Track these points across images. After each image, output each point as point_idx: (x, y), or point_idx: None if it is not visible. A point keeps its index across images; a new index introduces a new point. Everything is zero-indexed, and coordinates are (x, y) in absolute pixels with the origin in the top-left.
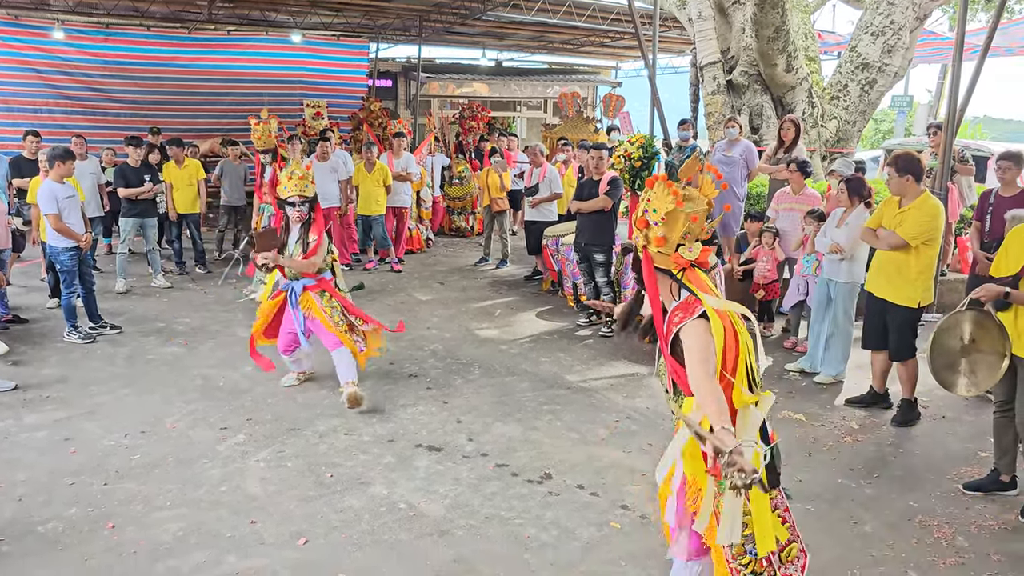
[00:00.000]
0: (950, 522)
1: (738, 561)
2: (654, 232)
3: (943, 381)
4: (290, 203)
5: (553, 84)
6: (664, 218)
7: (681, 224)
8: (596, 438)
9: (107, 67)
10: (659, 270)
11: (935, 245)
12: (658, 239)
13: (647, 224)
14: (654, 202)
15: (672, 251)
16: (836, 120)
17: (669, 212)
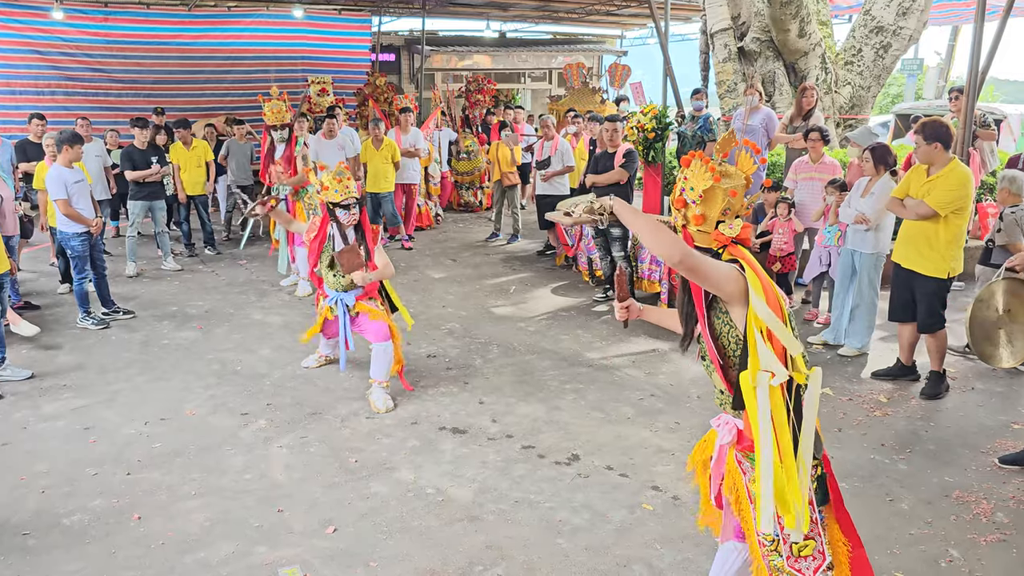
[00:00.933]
0: (988, 497)
1: (764, 535)
2: (692, 211)
3: (983, 354)
4: (343, 207)
5: (557, 55)
6: (702, 195)
7: (720, 201)
8: (621, 417)
9: (108, 47)
10: (699, 249)
11: (965, 214)
12: (697, 217)
13: (685, 203)
14: (691, 180)
15: (712, 229)
16: (850, 86)
17: (707, 189)
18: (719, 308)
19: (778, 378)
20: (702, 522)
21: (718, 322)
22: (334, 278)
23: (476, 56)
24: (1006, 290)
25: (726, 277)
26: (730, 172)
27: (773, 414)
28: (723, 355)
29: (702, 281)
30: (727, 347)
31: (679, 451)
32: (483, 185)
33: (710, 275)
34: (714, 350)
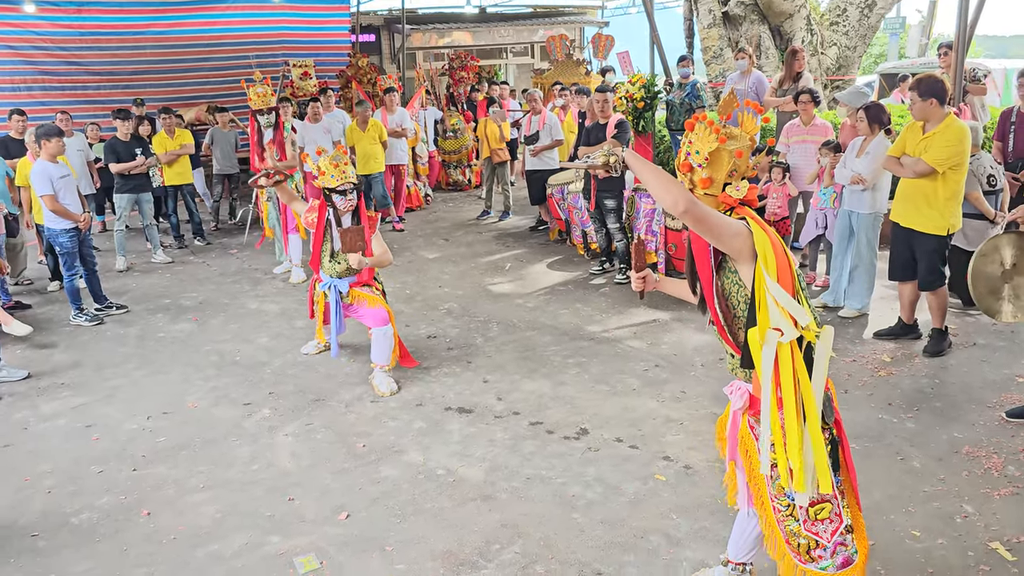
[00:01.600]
0: (998, 451)
1: (778, 500)
2: (698, 174)
3: (987, 308)
4: (340, 192)
5: (539, 28)
6: (708, 158)
7: (726, 162)
8: (627, 388)
9: (83, 39)
10: None
11: (962, 170)
12: (703, 180)
13: (691, 167)
14: (696, 143)
15: (719, 191)
16: (836, 47)
17: (713, 152)
18: (728, 267)
19: (787, 336)
20: (733, 499)
21: (727, 281)
22: (330, 264)
23: (457, 33)
24: (1011, 243)
25: (734, 232)
26: (735, 133)
27: (780, 371)
28: (730, 315)
29: (708, 233)
30: (736, 307)
31: (687, 420)
32: (471, 163)
33: (717, 227)
34: (717, 310)
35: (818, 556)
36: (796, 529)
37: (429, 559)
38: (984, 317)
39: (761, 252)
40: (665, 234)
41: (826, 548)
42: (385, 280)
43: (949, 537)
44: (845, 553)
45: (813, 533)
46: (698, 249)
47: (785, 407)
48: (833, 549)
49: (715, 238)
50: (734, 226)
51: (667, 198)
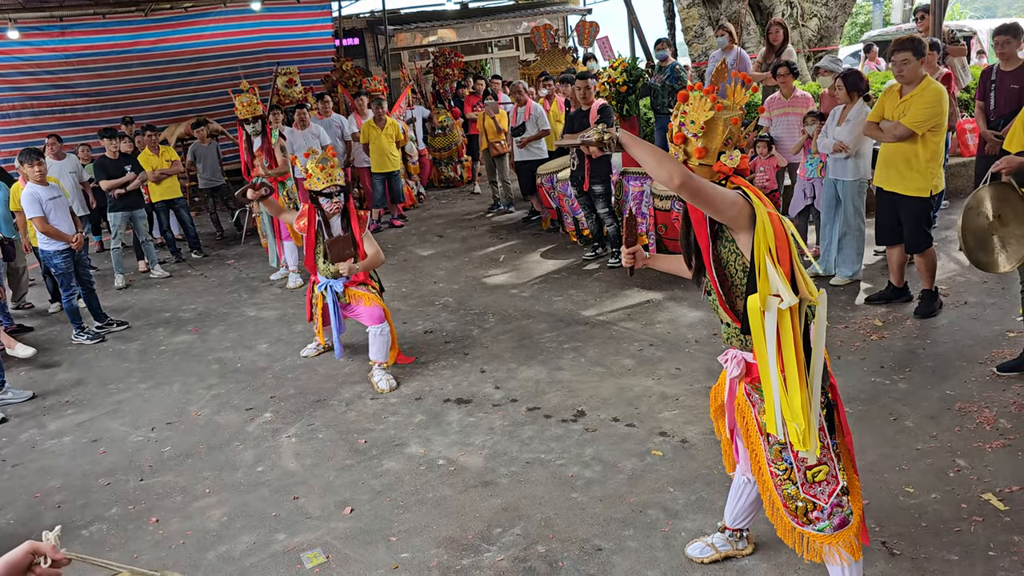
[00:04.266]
0: (989, 406)
1: (775, 465)
2: (693, 144)
3: (979, 262)
4: (326, 195)
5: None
6: (704, 127)
7: (721, 131)
8: (622, 369)
9: (68, 61)
10: None
11: (941, 131)
12: (699, 150)
13: (684, 138)
14: (691, 113)
15: (714, 161)
16: (817, 18)
17: (709, 120)
18: (725, 236)
19: (786, 302)
20: (730, 467)
21: (724, 251)
22: (324, 265)
23: (441, 31)
24: (994, 195)
25: (731, 202)
26: (728, 103)
27: (781, 336)
28: (728, 284)
29: (705, 205)
30: (733, 276)
31: (683, 396)
32: (462, 159)
33: (713, 198)
34: (715, 278)
35: (815, 518)
36: (794, 492)
37: (433, 546)
38: (975, 275)
39: (760, 218)
40: (655, 215)
41: (823, 510)
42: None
43: (942, 491)
44: (841, 514)
45: (811, 495)
46: (696, 220)
47: (788, 370)
48: (830, 511)
49: (712, 209)
50: (729, 196)
51: (661, 173)
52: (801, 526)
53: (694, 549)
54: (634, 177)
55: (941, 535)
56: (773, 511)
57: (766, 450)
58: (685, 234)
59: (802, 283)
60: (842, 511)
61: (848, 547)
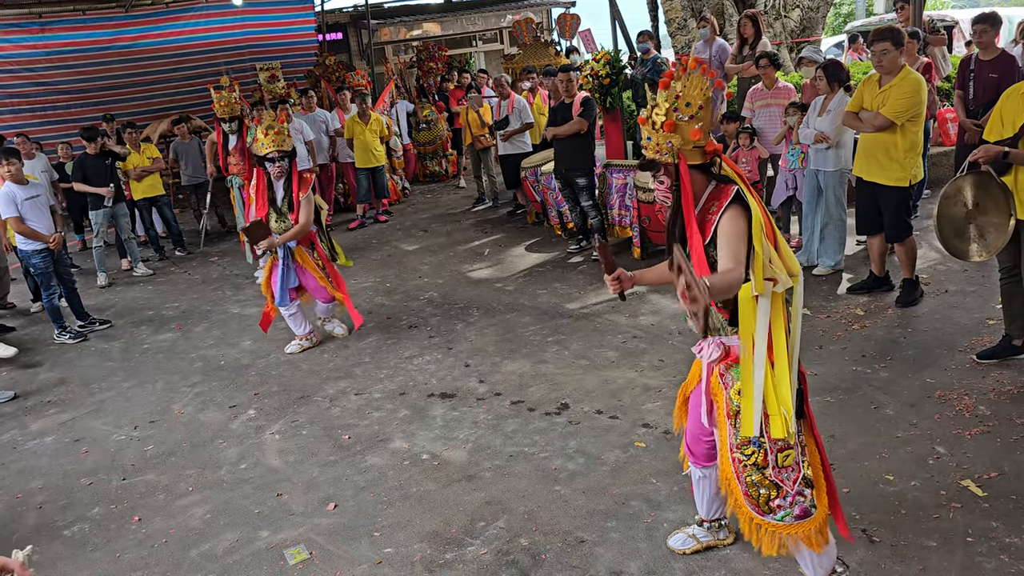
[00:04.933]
0: (969, 393)
1: (741, 451)
2: (689, 128)
3: (954, 250)
4: (269, 159)
5: (506, 13)
6: (702, 107)
7: (711, 110)
8: (606, 362)
9: (48, 59)
10: (694, 167)
11: (920, 121)
12: (695, 132)
13: (674, 126)
14: (686, 96)
15: (707, 141)
16: (799, 9)
17: (707, 99)
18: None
19: (781, 285)
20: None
21: (714, 252)
22: (276, 224)
23: (425, 25)
24: (972, 184)
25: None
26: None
27: (772, 321)
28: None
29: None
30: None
31: (666, 387)
32: (447, 153)
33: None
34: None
35: (777, 506)
36: (758, 479)
37: (416, 541)
38: (955, 264)
39: (753, 206)
40: (638, 207)
41: (786, 496)
42: (364, 275)
43: (921, 478)
44: (803, 504)
45: (778, 480)
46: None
47: (777, 356)
48: (792, 499)
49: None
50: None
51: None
52: (761, 515)
53: (676, 541)
54: (617, 170)
55: (920, 522)
56: (734, 504)
57: (731, 434)
58: (672, 224)
59: (788, 261)
60: (804, 500)
61: (806, 539)
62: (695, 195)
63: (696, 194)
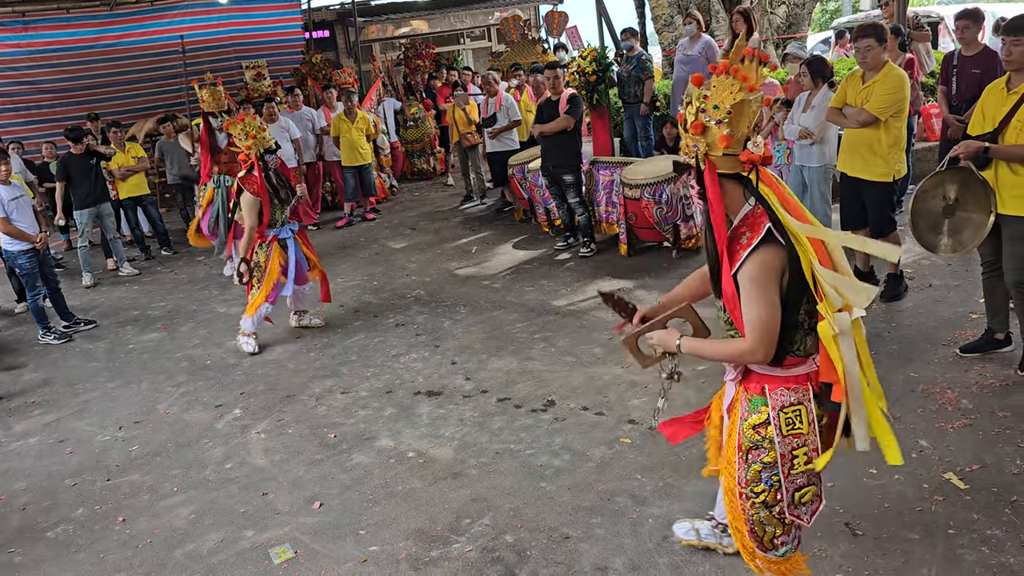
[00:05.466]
0: (952, 387)
1: (751, 488)
2: (717, 133)
3: (925, 242)
4: (271, 152)
5: (494, 11)
6: (731, 111)
7: (748, 115)
8: (592, 358)
9: (32, 58)
10: (724, 177)
11: (903, 116)
12: (724, 139)
13: (703, 128)
14: (714, 98)
15: (740, 149)
16: (785, 5)
17: (737, 104)
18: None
19: (856, 312)
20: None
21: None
22: (280, 215)
23: (413, 22)
24: (953, 180)
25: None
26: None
27: (859, 352)
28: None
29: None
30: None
31: (651, 383)
32: (434, 151)
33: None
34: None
35: (780, 543)
36: (766, 517)
37: (402, 538)
38: (939, 259)
39: (803, 253)
40: (625, 204)
41: (790, 533)
42: (352, 273)
43: (904, 472)
44: (798, 534)
45: (795, 516)
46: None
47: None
48: (795, 533)
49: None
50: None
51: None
52: (764, 552)
53: (680, 527)
54: (604, 167)
55: (903, 515)
56: (739, 540)
57: (740, 469)
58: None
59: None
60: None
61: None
62: (729, 209)
63: (730, 208)
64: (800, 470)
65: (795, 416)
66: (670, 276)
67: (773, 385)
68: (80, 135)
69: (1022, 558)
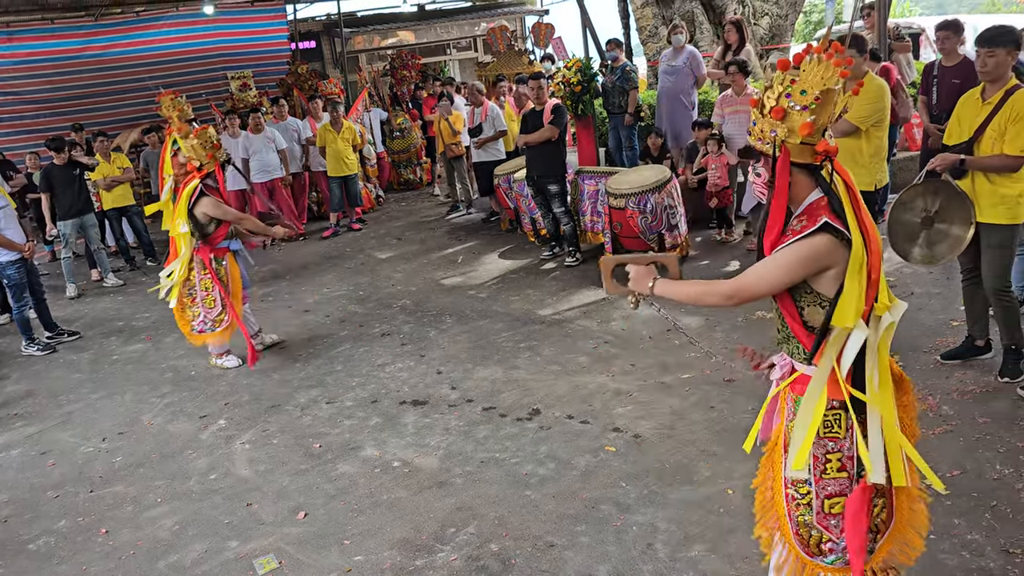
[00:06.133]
0: (933, 393)
1: (796, 488)
2: (799, 119)
3: (899, 251)
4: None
5: (480, 21)
6: (819, 98)
7: (833, 104)
8: (578, 367)
9: (15, 68)
10: (794, 166)
11: (884, 126)
12: (806, 126)
13: (785, 112)
14: (803, 82)
15: (819, 138)
16: (768, 16)
17: (826, 91)
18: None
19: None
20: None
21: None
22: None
23: (399, 33)
24: (930, 192)
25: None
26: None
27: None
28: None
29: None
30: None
31: (636, 391)
32: (421, 161)
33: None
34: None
35: (828, 549)
36: (809, 520)
37: (386, 548)
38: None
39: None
40: (610, 214)
41: (836, 543)
42: (338, 283)
43: None
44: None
45: (823, 526)
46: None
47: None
48: (845, 545)
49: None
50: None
51: (714, 302)
52: (811, 557)
53: None
54: (589, 176)
55: None
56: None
57: (787, 469)
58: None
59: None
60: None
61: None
62: (794, 199)
63: (795, 198)
64: (832, 476)
65: (835, 419)
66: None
67: None
68: (61, 145)
69: (1002, 563)
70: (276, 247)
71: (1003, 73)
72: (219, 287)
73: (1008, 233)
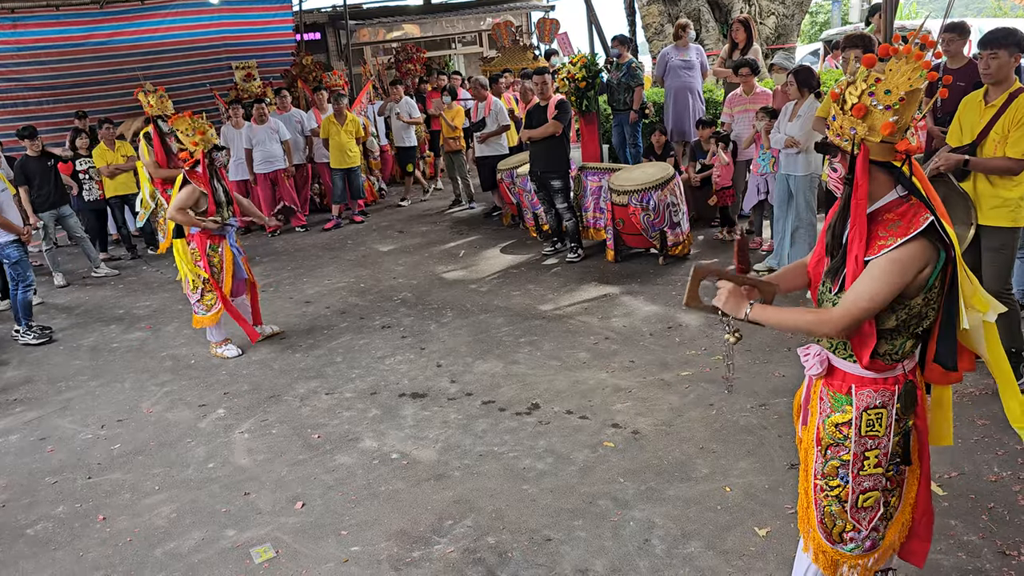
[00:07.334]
0: None
1: (826, 481)
2: (882, 118)
3: None
4: (219, 148)
5: (486, 16)
6: (904, 98)
7: (915, 105)
8: (578, 362)
9: (20, 55)
10: (873, 164)
11: None
12: (888, 125)
13: (865, 111)
14: (888, 82)
15: (900, 137)
16: (774, 16)
17: (911, 92)
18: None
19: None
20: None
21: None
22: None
23: (405, 26)
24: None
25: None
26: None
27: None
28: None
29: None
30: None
31: (636, 388)
32: (424, 154)
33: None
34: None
35: (849, 539)
36: (837, 511)
37: (383, 539)
38: None
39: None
40: (613, 210)
41: (860, 532)
42: (339, 275)
43: None
44: (874, 537)
45: (855, 519)
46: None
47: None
48: (866, 534)
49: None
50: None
51: (827, 332)
52: (832, 544)
53: None
54: (592, 172)
55: None
56: (806, 525)
57: (818, 461)
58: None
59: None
60: (876, 535)
61: (863, 571)
62: (871, 197)
63: (873, 196)
64: (868, 472)
65: (876, 418)
66: (657, 282)
67: (861, 386)
68: (33, 133)
69: (998, 564)
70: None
71: (1006, 75)
72: (208, 272)
73: (1009, 236)
